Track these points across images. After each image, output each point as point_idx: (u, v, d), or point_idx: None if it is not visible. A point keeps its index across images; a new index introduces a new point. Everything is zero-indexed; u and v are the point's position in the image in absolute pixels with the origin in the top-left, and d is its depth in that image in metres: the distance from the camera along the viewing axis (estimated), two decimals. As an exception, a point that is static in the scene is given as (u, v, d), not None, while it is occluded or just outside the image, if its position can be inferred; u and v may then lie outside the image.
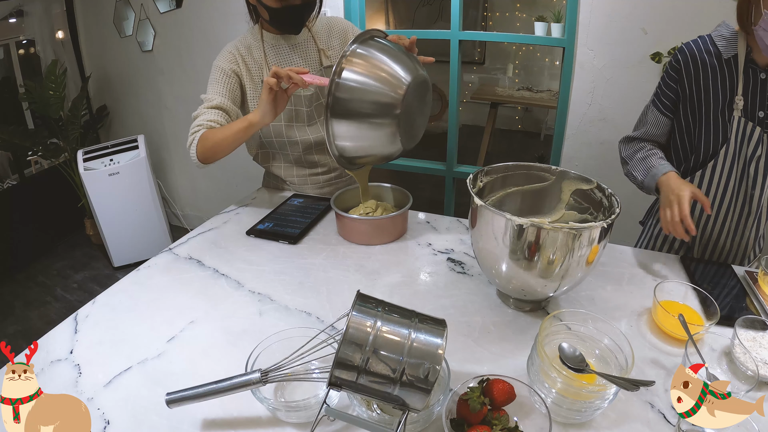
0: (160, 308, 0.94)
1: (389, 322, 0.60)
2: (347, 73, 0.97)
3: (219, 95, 1.26)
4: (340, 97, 0.98)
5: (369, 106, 0.99)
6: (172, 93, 2.83)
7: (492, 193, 1.01)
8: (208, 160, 1.23)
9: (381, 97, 0.98)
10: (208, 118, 1.23)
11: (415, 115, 1.06)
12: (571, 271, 0.81)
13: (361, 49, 1.01)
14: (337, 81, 0.97)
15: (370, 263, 1.08)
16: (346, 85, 0.98)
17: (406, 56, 1.04)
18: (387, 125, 1.00)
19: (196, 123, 1.24)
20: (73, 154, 2.70)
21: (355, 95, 0.98)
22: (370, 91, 0.98)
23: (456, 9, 2.03)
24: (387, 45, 1.04)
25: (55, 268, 2.88)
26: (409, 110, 1.02)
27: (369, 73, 0.98)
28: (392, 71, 0.99)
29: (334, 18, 1.39)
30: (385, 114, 0.99)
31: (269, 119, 1.12)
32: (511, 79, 4.89)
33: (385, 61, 1.00)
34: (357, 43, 1.01)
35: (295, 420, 0.69)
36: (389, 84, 0.98)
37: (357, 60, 0.99)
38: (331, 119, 0.99)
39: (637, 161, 1.20)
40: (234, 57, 1.28)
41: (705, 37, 1.10)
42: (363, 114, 0.99)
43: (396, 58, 1.01)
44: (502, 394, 0.64)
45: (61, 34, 2.89)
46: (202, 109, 1.25)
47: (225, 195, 2.99)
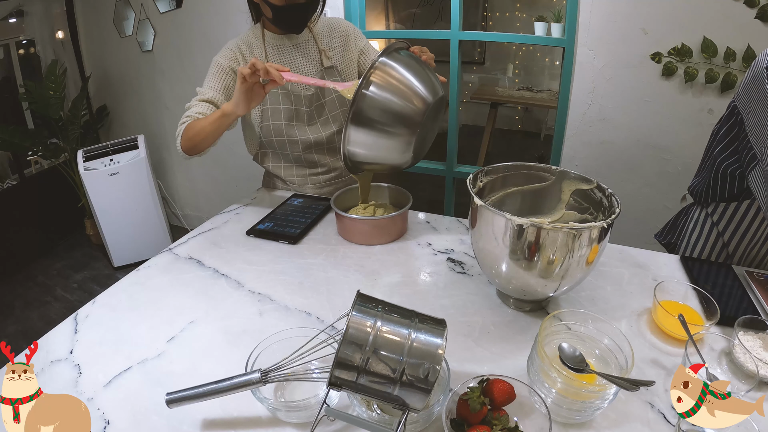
0: (160, 308, 0.94)
1: (389, 322, 0.60)
2: (374, 86, 0.99)
3: (212, 90, 1.27)
4: (364, 107, 1.00)
5: (390, 120, 1.01)
6: (172, 93, 2.83)
7: (492, 193, 1.01)
8: (191, 151, 1.24)
9: (402, 114, 1.01)
10: (197, 110, 1.24)
11: (427, 131, 1.09)
12: (571, 271, 0.80)
13: (388, 62, 1.02)
14: (364, 92, 0.99)
15: (370, 263, 1.08)
16: (372, 98, 0.99)
17: (429, 73, 1.06)
18: (403, 140, 1.03)
19: (185, 114, 1.25)
20: (73, 154, 2.70)
21: (378, 108, 1.00)
22: (394, 106, 1.00)
23: (456, 9, 2.03)
24: (412, 61, 1.06)
25: (55, 268, 2.88)
26: (424, 127, 1.04)
27: (394, 88, 1.00)
28: (417, 89, 1.02)
29: (335, 19, 1.39)
30: (404, 131, 1.02)
31: (242, 111, 1.12)
32: (511, 79, 4.90)
33: (411, 79, 1.02)
34: (385, 56, 1.03)
35: (295, 420, 0.69)
36: (412, 102, 1.01)
37: (383, 74, 1.00)
38: (350, 125, 1.01)
39: None
40: (234, 54, 1.28)
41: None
42: (382, 127, 1.02)
43: (420, 75, 1.04)
44: (502, 394, 0.64)
45: (61, 34, 2.89)
46: (194, 102, 1.26)
47: (225, 195, 2.99)
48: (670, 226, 1.37)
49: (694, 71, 1.75)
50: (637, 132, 1.94)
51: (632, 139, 1.96)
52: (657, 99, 1.85)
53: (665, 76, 1.81)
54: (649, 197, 2.03)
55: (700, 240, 1.22)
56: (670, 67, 1.78)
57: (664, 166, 1.95)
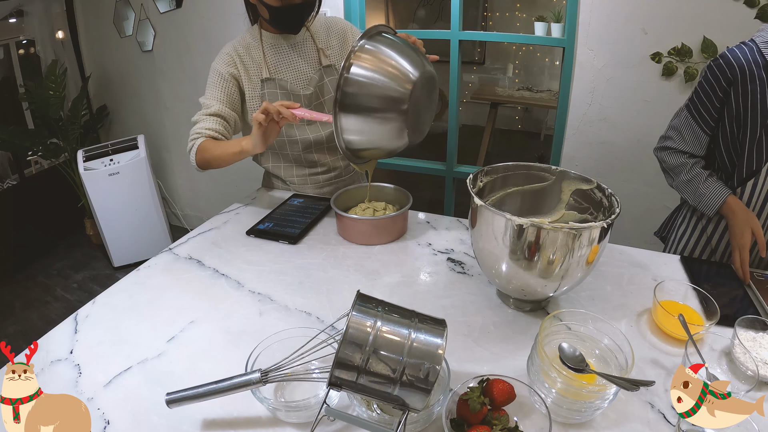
0: (160, 308, 0.94)
1: (389, 322, 0.60)
2: (356, 68, 0.97)
3: (217, 101, 1.27)
4: (349, 91, 0.97)
5: (377, 100, 0.99)
6: (172, 93, 2.83)
7: (492, 193, 1.01)
8: (206, 168, 1.28)
9: (389, 92, 0.98)
10: (207, 126, 1.25)
11: (422, 110, 1.06)
12: (571, 271, 0.81)
13: (369, 44, 1.00)
14: (346, 76, 0.97)
15: (370, 263, 1.08)
16: (355, 80, 0.97)
17: (414, 52, 1.04)
18: (394, 120, 1.00)
19: (195, 129, 1.26)
20: (73, 154, 2.70)
21: (363, 90, 0.98)
22: (378, 86, 0.98)
23: (456, 9, 2.03)
24: (394, 40, 1.04)
25: (55, 268, 2.88)
26: (416, 105, 1.02)
27: (377, 68, 0.98)
28: (400, 66, 0.99)
29: (333, 18, 1.39)
30: (393, 109, 0.99)
31: (260, 149, 1.15)
32: (511, 79, 4.89)
33: (393, 56, 1.00)
34: (365, 38, 1.01)
35: (295, 420, 0.69)
36: (397, 79, 0.98)
37: (365, 55, 0.99)
38: (340, 113, 0.99)
39: (682, 183, 1.16)
40: (232, 59, 1.28)
41: (751, 46, 1.01)
42: (371, 108, 0.99)
43: (403, 53, 1.01)
44: (502, 394, 0.64)
45: (61, 34, 2.89)
46: (201, 116, 1.27)
47: (225, 195, 2.99)
48: (666, 221, 1.38)
49: (694, 71, 1.75)
50: (637, 132, 1.94)
51: (632, 139, 1.96)
52: (657, 99, 1.85)
53: (665, 76, 1.81)
54: (649, 197, 2.03)
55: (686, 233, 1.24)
56: (670, 67, 1.78)
57: (664, 166, 1.95)
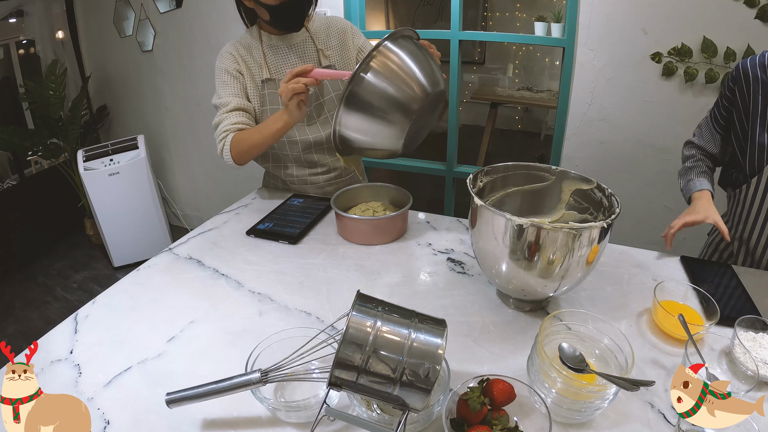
0: (160, 308, 0.94)
1: (389, 322, 0.60)
2: (372, 72, 0.94)
3: (234, 97, 1.28)
4: (358, 92, 0.95)
5: (384, 108, 0.97)
6: (172, 93, 2.83)
7: (492, 193, 1.01)
8: (245, 161, 1.28)
9: (398, 103, 0.96)
10: (233, 121, 1.26)
11: (422, 123, 1.05)
12: (571, 271, 0.80)
13: (390, 48, 0.97)
14: (361, 75, 0.94)
15: (370, 263, 1.08)
16: (368, 83, 0.95)
17: (433, 65, 1.02)
18: (395, 129, 0.99)
19: (222, 128, 1.26)
20: (73, 154, 2.71)
21: (373, 94, 0.96)
22: (389, 94, 0.96)
23: (456, 9, 2.03)
24: (416, 49, 1.01)
25: (55, 268, 2.88)
26: (419, 119, 1.01)
27: (393, 75, 0.96)
28: (416, 79, 0.97)
29: (333, 17, 1.39)
30: (398, 120, 0.98)
31: (302, 117, 1.17)
32: (511, 79, 4.89)
33: (411, 68, 0.97)
34: (389, 40, 0.98)
35: (295, 420, 0.69)
36: (410, 92, 0.96)
37: (384, 59, 0.96)
38: (344, 108, 0.97)
39: (684, 169, 1.26)
40: (234, 57, 1.28)
41: (764, 53, 1.07)
42: (375, 114, 0.98)
43: (423, 65, 0.99)
44: (502, 394, 0.64)
45: (61, 34, 2.89)
46: (223, 114, 1.27)
47: (225, 195, 2.99)
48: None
49: (694, 71, 1.75)
50: (637, 132, 1.94)
51: (632, 139, 1.96)
52: (657, 99, 1.85)
53: (665, 76, 1.81)
54: (649, 197, 2.03)
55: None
56: (670, 67, 1.78)
57: (664, 166, 1.94)
